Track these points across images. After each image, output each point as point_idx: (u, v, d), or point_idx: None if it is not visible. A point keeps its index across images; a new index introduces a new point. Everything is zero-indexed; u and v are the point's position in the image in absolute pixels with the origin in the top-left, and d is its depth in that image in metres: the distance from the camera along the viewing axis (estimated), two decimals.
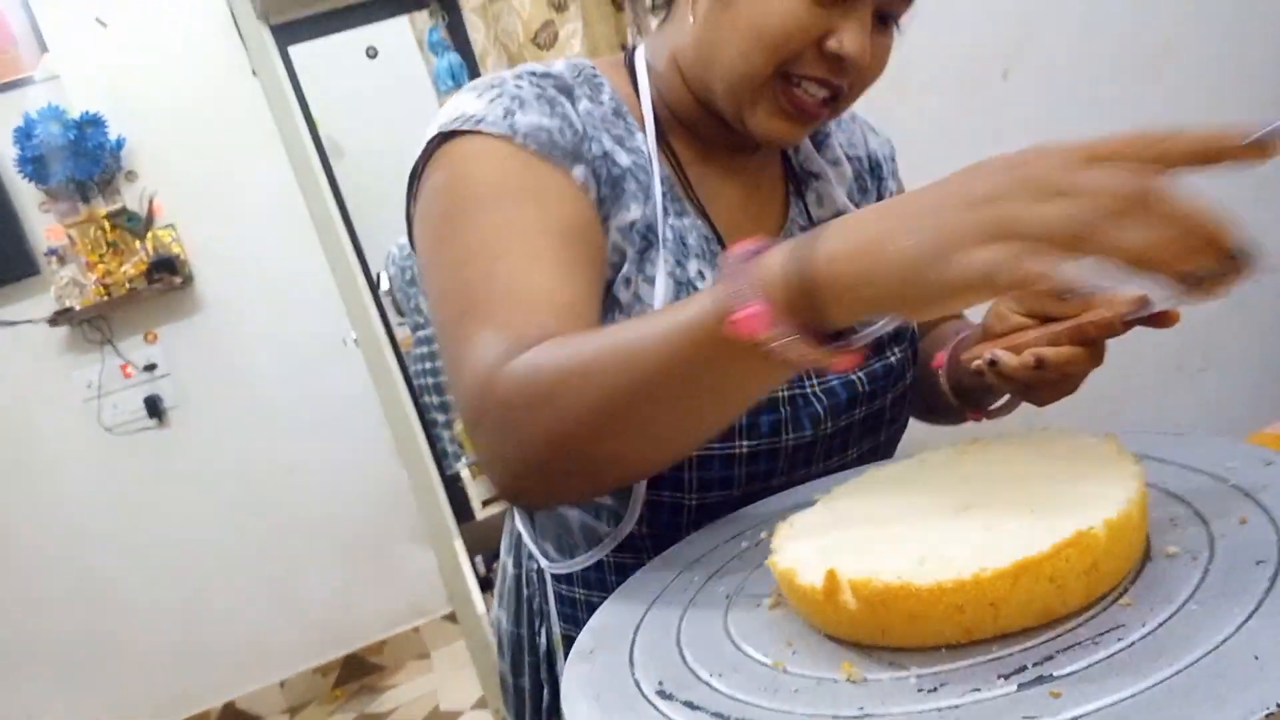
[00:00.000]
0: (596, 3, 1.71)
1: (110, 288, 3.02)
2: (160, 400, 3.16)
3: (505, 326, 0.70)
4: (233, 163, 3.14)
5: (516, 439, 0.67)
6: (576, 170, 0.80)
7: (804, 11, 0.77)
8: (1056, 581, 0.46)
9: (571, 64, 0.90)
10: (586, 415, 0.63)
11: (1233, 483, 0.56)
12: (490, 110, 0.81)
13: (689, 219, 0.87)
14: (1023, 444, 0.62)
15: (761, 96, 0.82)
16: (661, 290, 0.82)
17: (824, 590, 0.50)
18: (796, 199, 0.97)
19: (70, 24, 3.01)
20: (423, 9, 2.69)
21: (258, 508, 3.28)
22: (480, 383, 0.69)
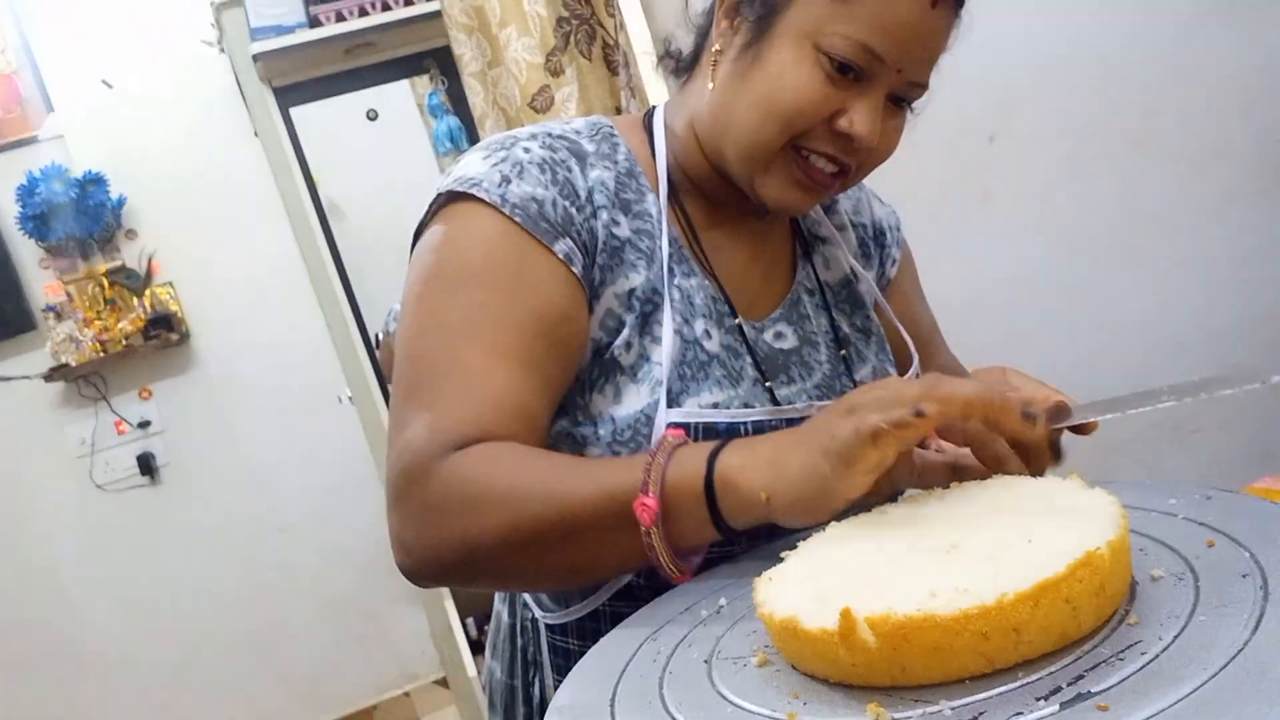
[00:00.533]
0: (591, 67, 1.75)
1: (106, 344, 3.03)
2: (153, 458, 3.15)
3: (447, 416, 0.75)
4: (233, 221, 3.17)
5: (428, 536, 0.73)
6: (560, 245, 0.82)
7: (818, 88, 0.80)
8: (1072, 603, 0.47)
9: (590, 123, 0.92)
10: (495, 537, 0.71)
11: (1182, 516, 0.60)
12: (489, 175, 0.83)
13: (696, 279, 0.88)
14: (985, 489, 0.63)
15: (773, 165, 0.84)
16: (668, 348, 0.83)
17: (840, 630, 0.48)
18: (804, 262, 0.99)
19: (77, 85, 3.07)
20: (423, 74, 2.75)
21: (247, 567, 3.25)
22: (407, 467, 0.74)
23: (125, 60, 3.10)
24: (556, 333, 0.81)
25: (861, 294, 1.01)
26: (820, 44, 0.79)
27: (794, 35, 0.80)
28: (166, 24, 3.08)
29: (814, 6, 0.80)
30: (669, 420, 0.81)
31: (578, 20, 1.75)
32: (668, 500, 0.67)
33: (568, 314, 0.82)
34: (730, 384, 0.86)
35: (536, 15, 1.79)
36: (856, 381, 0.95)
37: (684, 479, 0.67)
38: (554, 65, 1.80)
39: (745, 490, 0.65)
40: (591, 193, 0.85)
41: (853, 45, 0.78)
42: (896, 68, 0.80)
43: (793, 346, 0.93)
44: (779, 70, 0.81)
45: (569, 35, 1.75)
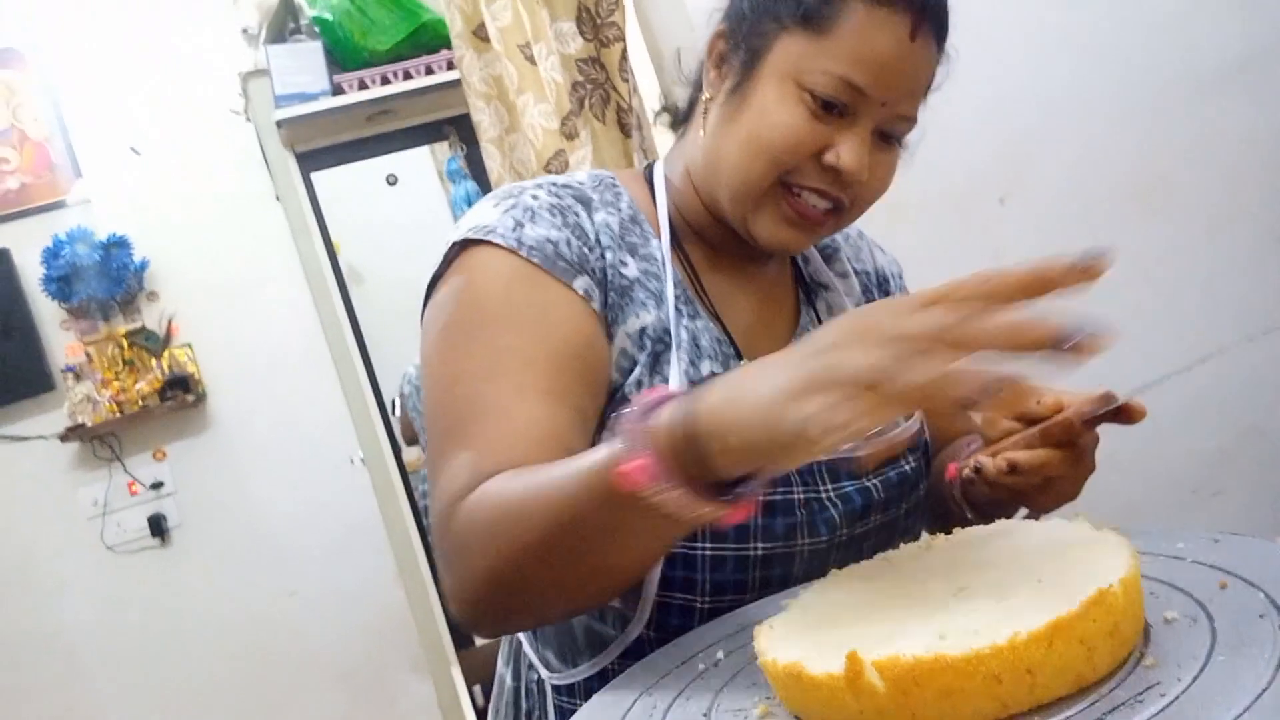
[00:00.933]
0: (605, 130, 1.77)
1: (123, 404, 3.05)
2: (164, 519, 3.14)
3: (480, 453, 0.74)
4: (252, 284, 3.21)
5: (460, 577, 0.72)
6: (579, 282, 0.82)
7: (803, 124, 0.81)
8: (1086, 644, 0.46)
9: (593, 175, 0.94)
10: (514, 561, 0.67)
11: (1191, 559, 0.58)
12: (502, 221, 0.84)
13: (702, 321, 0.89)
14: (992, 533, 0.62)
15: (764, 204, 0.85)
16: (676, 388, 0.83)
17: (846, 676, 0.47)
18: (808, 307, 0.99)
19: (105, 151, 3.14)
20: (443, 140, 2.80)
21: (256, 632, 3.21)
22: (443, 511, 0.73)
23: (154, 128, 3.18)
24: (583, 363, 0.81)
25: None
26: (802, 81, 0.81)
27: (777, 75, 0.82)
28: (195, 93, 3.17)
29: (795, 45, 0.81)
30: None
31: (592, 85, 1.78)
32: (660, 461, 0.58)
33: (592, 344, 0.82)
34: None
35: (552, 82, 1.82)
36: None
37: (670, 431, 0.58)
38: (569, 129, 1.83)
39: (720, 434, 0.56)
40: (599, 235, 0.86)
41: (834, 80, 0.80)
42: (880, 101, 0.81)
43: None
44: (763, 109, 0.82)
45: (583, 100, 1.78)
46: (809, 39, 0.81)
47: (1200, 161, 1.81)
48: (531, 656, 0.95)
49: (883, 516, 0.90)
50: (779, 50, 0.82)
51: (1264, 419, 1.81)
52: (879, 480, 0.89)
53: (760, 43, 0.84)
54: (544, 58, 1.83)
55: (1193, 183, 1.82)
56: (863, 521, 0.88)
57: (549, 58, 1.80)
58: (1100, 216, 1.80)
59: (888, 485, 0.89)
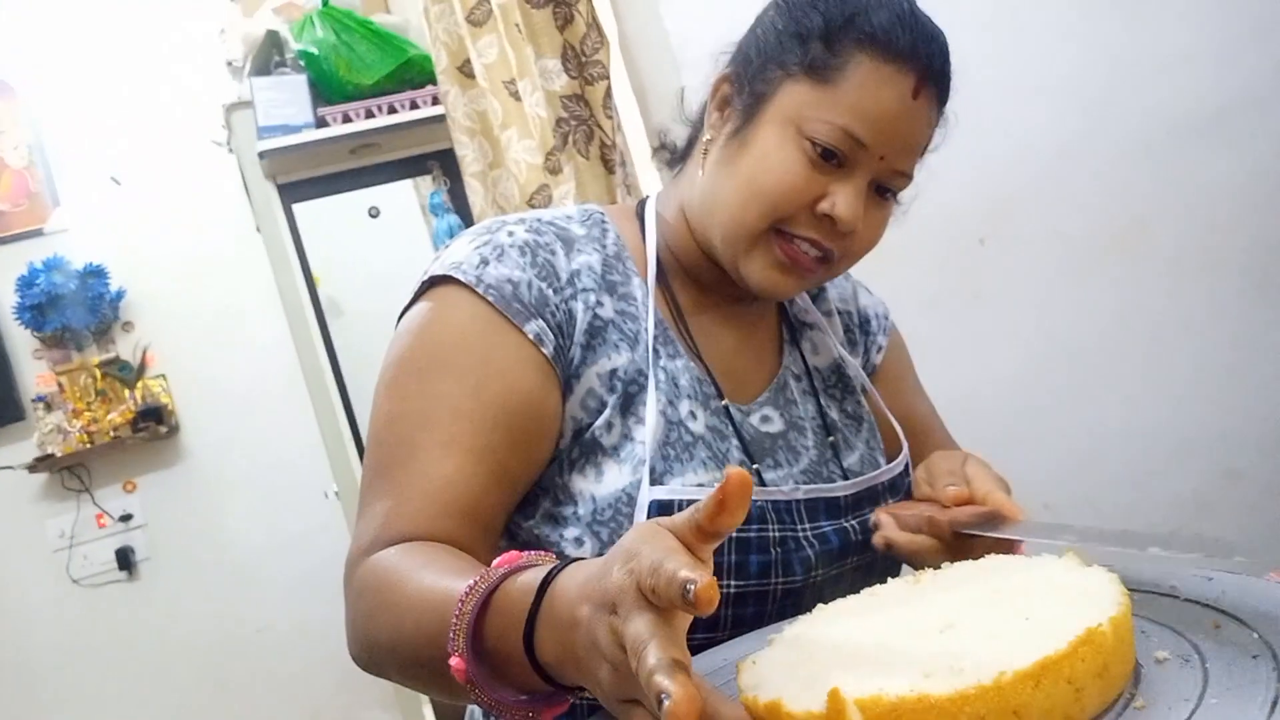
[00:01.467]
0: (589, 165, 1.78)
1: (94, 435, 3.01)
2: (132, 552, 3.08)
3: (394, 509, 0.77)
4: (230, 316, 3.19)
5: (351, 627, 0.76)
6: (530, 326, 0.82)
7: (800, 172, 0.82)
8: (1075, 684, 0.45)
9: (582, 209, 0.94)
10: (386, 649, 0.70)
11: (1184, 597, 0.58)
12: (470, 257, 0.84)
13: (682, 360, 0.88)
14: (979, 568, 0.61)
15: (756, 248, 0.86)
16: (652, 428, 0.82)
17: (828, 714, 0.45)
18: (791, 348, 0.99)
19: (85, 181, 3.13)
20: (426, 174, 2.80)
21: (223, 668, 3.14)
22: (351, 558, 0.77)
23: (135, 158, 3.17)
24: (517, 421, 0.81)
25: (852, 380, 1.01)
26: (804, 129, 0.82)
27: (779, 121, 0.83)
28: (177, 124, 3.17)
29: (799, 93, 0.83)
30: (652, 498, 0.80)
31: (576, 121, 1.79)
32: (489, 648, 0.58)
33: (532, 400, 0.82)
34: (715, 465, 0.85)
35: (537, 117, 1.83)
36: (845, 468, 0.94)
37: (502, 641, 0.57)
38: (553, 164, 1.84)
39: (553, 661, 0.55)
40: (576, 275, 0.86)
41: (835, 130, 0.81)
42: (879, 154, 0.82)
43: (779, 430, 0.93)
44: (763, 154, 0.83)
45: (567, 135, 1.79)
46: (813, 88, 0.82)
47: (1177, 207, 1.84)
48: None
49: (859, 559, 0.89)
50: (783, 96, 0.84)
51: (1242, 463, 1.82)
52: (857, 521, 0.89)
53: (765, 88, 0.85)
54: (529, 94, 1.84)
55: (1169, 228, 1.84)
56: (839, 563, 0.87)
57: (534, 94, 1.82)
58: (1078, 259, 1.82)
59: (865, 527, 0.89)
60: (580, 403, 0.84)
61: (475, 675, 0.57)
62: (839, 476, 0.93)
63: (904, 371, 1.11)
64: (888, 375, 1.07)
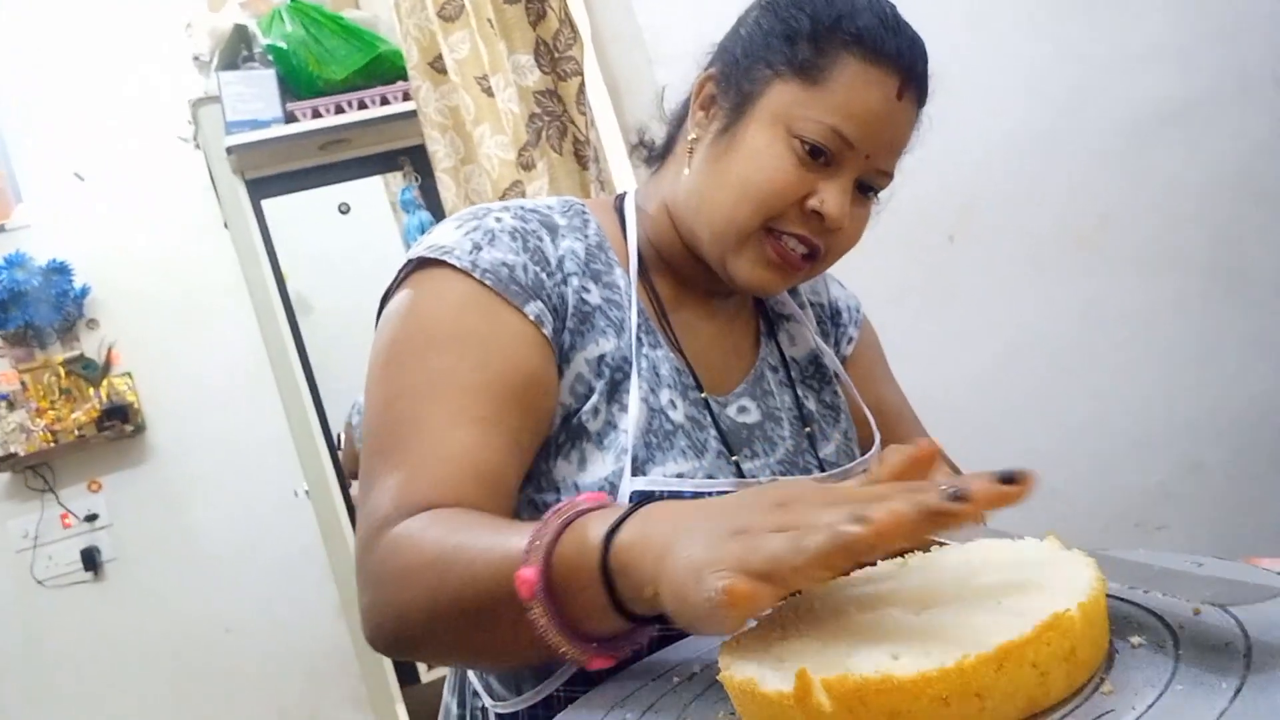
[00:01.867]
0: (562, 161, 1.78)
1: (58, 434, 2.96)
2: (98, 553, 3.04)
3: (410, 479, 0.74)
4: (197, 313, 3.15)
5: (378, 603, 0.71)
6: (531, 307, 0.82)
7: (791, 171, 0.83)
8: (1039, 668, 0.45)
9: (563, 201, 0.94)
10: (422, 610, 0.67)
11: (1168, 581, 0.57)
12: (460, 243, 0.84)
13: (662, 351, 0.89)
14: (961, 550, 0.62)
15: (746, 246, 0.86)
16: (634, 416, 0.83)
17: (795, 693, 0.46)
18: (768, 339, 1.01)
19: (47, 176, 3.08)
20: (397, 170, 2.79)
21: (190, 669, 3.11)
22: (368, 533, 0.73)
23: (99, 154, 3.13)
24: (525, 396, 0.80)
25: (829, 371, 1.03)
26: (792, 128, 0.83)
27: (768, 120, 0.84)
28: (142, 119, 3.13)
29: (787, 93, 0.84)
30: (634, 489, 0.80)
31: (549, 116, 1.79)
32: (558, 575, 0.58)
33: (537, 376, 0.82)
34: (695, 455, 0.86)
35: (510, 113, 1.83)
36: (820, 459, 0.95)
37: (578, 553, 0.58)
38: (525, 160, 1.83)
39: (635, 579, 0.55)
40: (562, 260, 0.86)
41: (824, 129, 0.82)
42: (865, 153, 0.84)
43: (756, 421, 0.93)
44: (753, 153, 0.84)
45: (540, 131, 1.79)
46: (802, 87, 0.83)
47: (1142, 204, 1.87)
48: (476, 685, 0.93)
49: None
50: (771, 95, 0.85)
51: (1205, 455, 1.86)
52: None
53: (752, 87, 0.86)
54: (501, 89, 1.84)
55: (1135, 225, 1.87)
56: None
57: (506, 89, 1.81)
58: (1045, 256, 1.85)
59: None
60: (570, 388, 0.84)
61: (542, 592, 0.57)
62: (815, 467, 0.94)
63: (875, 362, 1.11)
64: (859, 366, 1.08)
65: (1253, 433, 1.86)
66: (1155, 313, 1.87)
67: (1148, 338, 1.86)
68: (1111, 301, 1.86)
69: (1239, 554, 1.86)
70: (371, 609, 0.72)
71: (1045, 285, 1.84)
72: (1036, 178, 1.83)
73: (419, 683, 2.63)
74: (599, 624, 0.59)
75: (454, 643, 0.69)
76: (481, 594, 0.63)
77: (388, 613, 0.70)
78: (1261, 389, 1.87)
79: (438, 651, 0.73)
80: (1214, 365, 1.88)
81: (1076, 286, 1.85)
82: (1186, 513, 1.84)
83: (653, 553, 0.54)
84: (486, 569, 0.62)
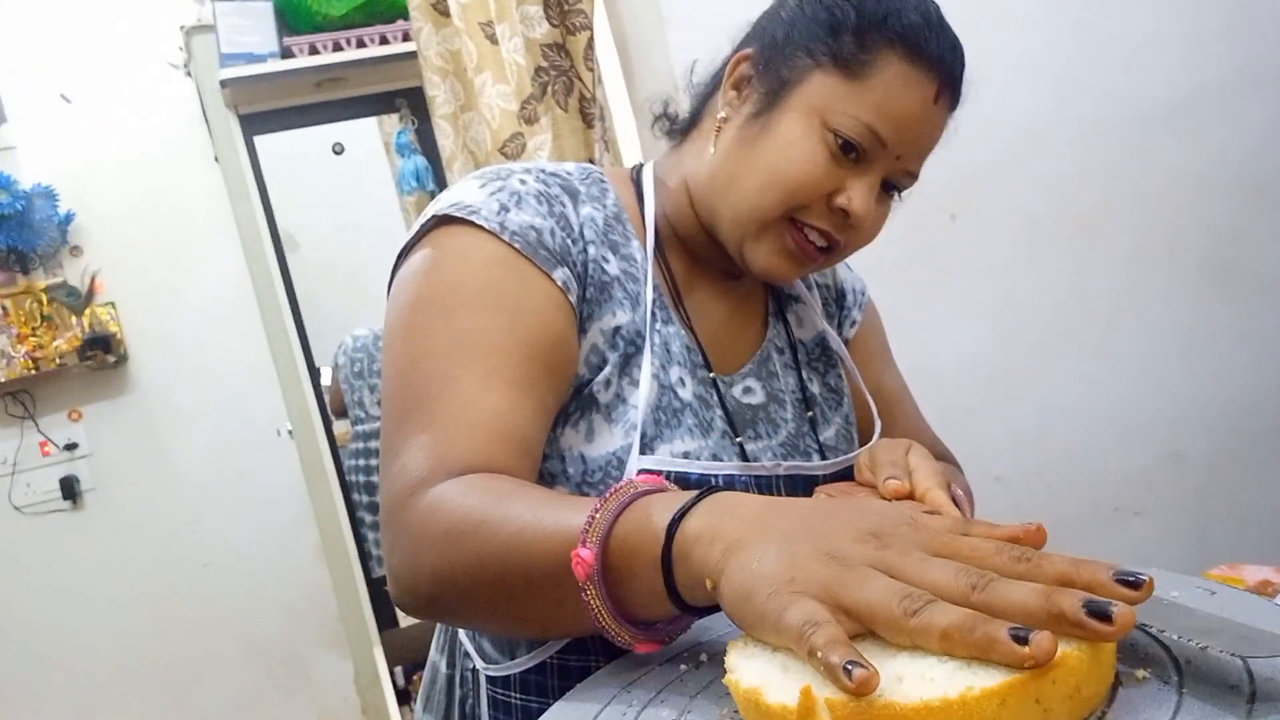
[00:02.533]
0: (567, 118, 1.75)
1: (39, 361, 2.93)
2: (77, 482, 3.03)
3: (441, 439, 0.73)
4: (183, 246, 3.10)
5: (411, 563, 0.70)
6: (558, 273, 0.81)
7: (822, 164, 0.82)
8: (1043, 704, 0.45)
9: (581, 168, 0.93)
10: (464, 575, 0.66)
11: (1177, 612, 0.56)
12: (487, 203, 0.82)
13: (674, 327, 0.89)
14: None
15: (767, 233, 0.86)
16: (645, 392, 0.83)
17: (799, 710, 0.46)
18: (776, 321, 1.00)
19: (33, 97, 3.00)
20: (393, 112, 2.74)
21: (166, 602, 3.12)
22: (400, 493, 0.72)
23: (86, 76, 3.04)
24: (551, 357, 0.80)
25: (835, 354, 1.03)
26: (829, 121, 0.82)
27: (804, 110, 0.83)
28: (132, 43, 3.04)
29: (827, 85, 0.83)
30: (640, 467, 0.81)
31: (556, 71, 1.76)
32: (614, 558, 0.58)
33: (565, 340, 0.81)
34: (701, 434, 0.86)
35: (515, 64, 1.80)
36: (821, 443, 0.95)
37: (639, 537, 0.57)
38: (529, 114, 1.81)
39: (696, 568, 0.54)
40: (583, 228, 0.86)
41: (860, 126, 0.81)
42: (895, 154, 0.83)
43: (760, 402, 0.94)
44: (787, 142, 0.83)
45: (546, 85, 1.76)
46: (842, 81, 0.82)
47: (1141, 191, 1.87)
48: (467, 646, 0.94)
49: None
50: (810, 85, 0.83)
51: (1185, 444, 1.88)
52: None
53: (791, 75, 0.84)
54: (506, 38, 1.80)
55: (1132, 212, 1.87)
56: None
57: (512, 39, 1.78)
58: (1042, 238, 1.85)
59: None
60: (584, 358, 0.84)
61: (597, 574, 0.57)
62: (815, 451, 0.94)
63: (878, 348, 1.11)
64: (861, 350, 1.08)
65: (1234, 425, 1.89)
66: (1147, 301, 1.88)
67: (1138, 326, 1.88)
68: (1105, 288, 1.87)
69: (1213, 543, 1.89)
70: (403, 569, 0.71)
71: (1041, 268, 1.85)
72: (1037, 160, 1.83)
73: (397, 626, 2.65)
74: (650, 609, 0.59)
75: (491, 610, 0.69)
76: (528, 565, 0.63)
77: (423, 575, 0.69)
78: (1246, 382, 1.89)
79: (472, 617, 0.73)
80: (1201, 357, 1.90)
81: (1071, 271, 1.86)
82: (1165, 500, 1.87)
83: (721, 545, 0.53)
84: (536, 541, 0.62)
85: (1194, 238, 1.88)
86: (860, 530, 0.52)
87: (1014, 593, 0.45)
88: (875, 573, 0.48)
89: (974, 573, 0.47)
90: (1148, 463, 1.88)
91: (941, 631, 0.45)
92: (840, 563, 0.49)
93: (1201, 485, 1.88)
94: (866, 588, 0.47)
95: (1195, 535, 1.87)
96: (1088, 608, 0.44)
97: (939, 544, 0.50)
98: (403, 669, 2.88)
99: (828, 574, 0.49)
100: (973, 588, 0.46)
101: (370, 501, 3.02)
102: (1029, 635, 0.43)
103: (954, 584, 0.46)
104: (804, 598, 0.48)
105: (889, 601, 0.46)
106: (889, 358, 1.12)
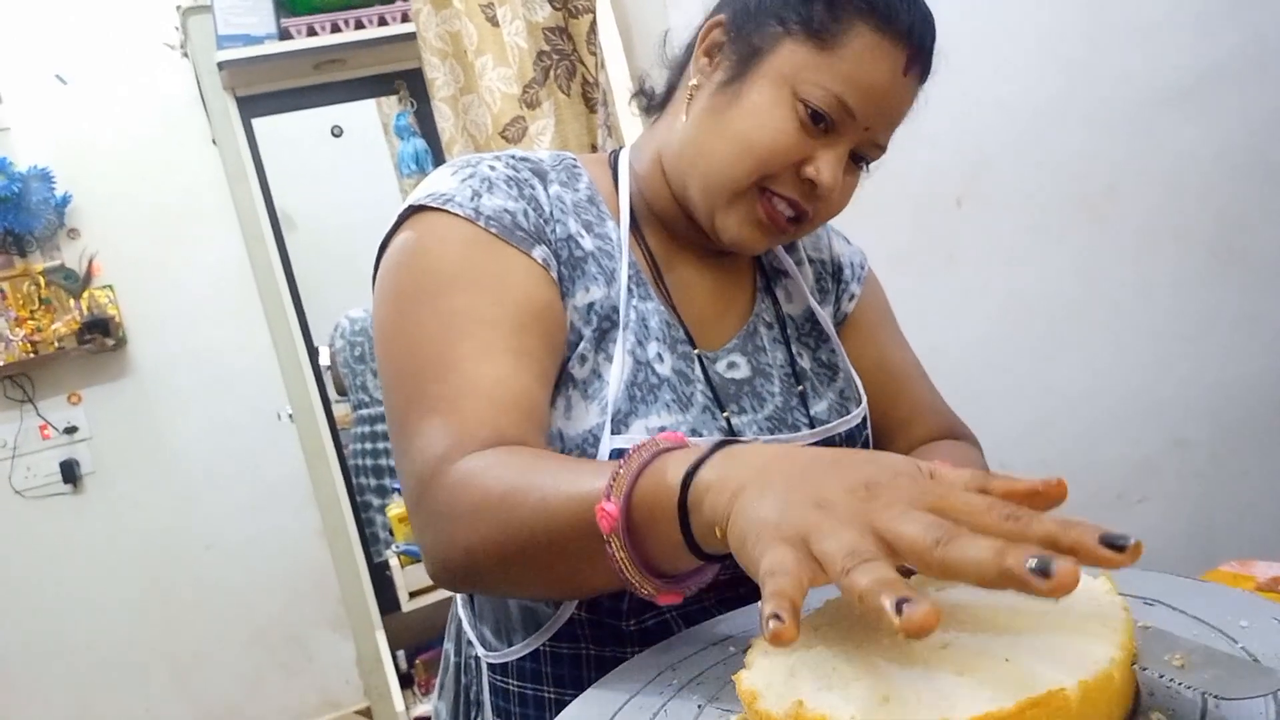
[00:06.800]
0: (569, 103, 1.74)
1: (38, 345, 2.92)
2: (77, 465, 3.03)
3: (453, 418, 0.74)
4: (181, 227, 3.09)
5: (444, 539, 0.72)
6: (537, 251, 0.83)
7: (792, 134, 0.82)
8: None
9: (554, 154, 0.94)
10: (493, 544, 0.68)
11: (1241, 644, 0.53)
12: (459, 190, 0.83)
13: (652, 303, 0.89)
14: None
15: (738, 203, 0.86)
16: (619, 368, 0.83)
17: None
18: (765, 294, 1.00)
19: (29, 78, 2.98)
20: (392, 94, 2.72)
21: (168, 585, 3.13)
22: (425, 473, 0.73)
23: (82, 57, 3.02)
24: (542, 324, 0.81)
25: (825, 328, 1.02)
26: (799, 91, 0.82)
27: (774, 78, 0.83)
28: (128, 23, 3.01)
29: (797, 54, 0.83)
30: (614, 447, 0.81)
31: (559, 55, 1.74)
32: (636, 512, 0.59)
33: (551, 305, 0.83)
34: (679, 409, 0.85)
35: (516, 47, 1.78)
36: (812, 416, 0.94)
37: (657, 491, 0.59)
38: (530, 98, 1.79)
39: (707, 516, 0.55)
40: (553, 207, 0.87)
41: (829, 96, 0.82)
42: (864, 125, 0.84)
43: (745, 377, 0.93)
44: (755, 110, 0.83)
45: (549, 69, 1.74)
46: (812, 51, 0.82)
47: (1148, 175, 1.86)
48: (469, 633, 0.95)
49: None
50: (780, 54, 0.83)
51: (1189, 432, 1.88)
52: None
53: (761, 42, 0.84)
54: (508, 21, 1.78)
55: (1139, 196, 1.86)
56: None
57: (513, 21, 1.76)
58: (1048, 222, 1.84)
59: None
60: (564, 335, 0.85)
61: (622, 528, 0.59)
62: (805, 424, 0.93)
63: (881, 320, 1.09)
64: (861, 323, 1.06)
65: (1238, 412, 1.89)
66: (1153, 286, 1.87)
67: (1143, 311, 1.87)
68: (1110, 273, 1.86)
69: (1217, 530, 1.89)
70: (436, 545, 0.72)
71: (1047, 253, 1.84)
72: (1044, 143, 1.81)
73: (399, 610, 2.66)
74: (672, 561, 0.60)
75: (523, 576, 0.70)
76: (555, 528, 0.64)
77: (456, 548, 0.71)
78: (1250, 369, 1.89)
79: (506, 585, 0.75)
80: (1206, 342, 1.89)
81: (1077, 256, 1.85)
82: (1168, 487, 1.87)
83: (728, 493, 0.54)
84: (562, 503, 0.64)
85: (1201, 222, 1.87)
86: (855, 481, 0.51)
87: (971, 549, 0.44)
88: (846, 524, 0.47)
89: (942, 528, 0.45)
90: (1150, 449, 1.87)
91: (859, 594, 0.44)
92: (824, 511, 0.49)
93: (1205, 472, 1.87)
94: (831, 539, 0.47)
95: (1199, 522, 1.87)
96: (1033, 565, 0.41)
97: (932, 499, 0.49)
98: (405, 652, 2.89)
99: (809, 521, 0.48)
100: (936, 542, 0.45)
101: (377, 484, 3.02)
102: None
103: (921, 538, 0.45)
104: (780, 544, 0.48)
105: (854, 552, 0.45)
106: (893, 330, 1.09)
